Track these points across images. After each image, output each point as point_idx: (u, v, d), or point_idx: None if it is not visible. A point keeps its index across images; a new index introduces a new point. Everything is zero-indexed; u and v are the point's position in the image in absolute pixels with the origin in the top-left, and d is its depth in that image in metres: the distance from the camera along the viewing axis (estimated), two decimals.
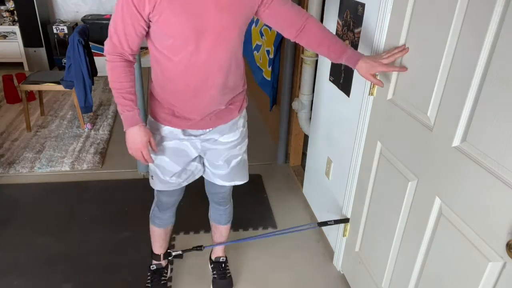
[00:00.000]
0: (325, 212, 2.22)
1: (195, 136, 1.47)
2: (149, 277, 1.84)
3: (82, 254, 2.07)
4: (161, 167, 1.51)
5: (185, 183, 1.59)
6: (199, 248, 1.81)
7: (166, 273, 1.89)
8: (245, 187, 1.72)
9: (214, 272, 1.91)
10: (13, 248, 2.10)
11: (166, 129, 1.45)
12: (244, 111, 1.56)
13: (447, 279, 1.19)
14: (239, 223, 1.88)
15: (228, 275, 1.91)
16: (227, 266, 1.94)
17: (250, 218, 2.38)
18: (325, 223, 1.89)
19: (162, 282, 1.83)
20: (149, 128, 1.48)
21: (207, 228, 2.23)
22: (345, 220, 1.91)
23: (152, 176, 1.57)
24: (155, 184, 1.57)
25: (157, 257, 1.82)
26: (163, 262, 1.85)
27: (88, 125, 3.49)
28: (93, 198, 2.55)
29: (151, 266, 1.85)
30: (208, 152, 1.54)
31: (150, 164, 1.53)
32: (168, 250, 1.84)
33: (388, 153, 1.52)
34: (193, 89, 1.33)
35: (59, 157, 2.99)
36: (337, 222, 1.91)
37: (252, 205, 2.50)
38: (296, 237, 2.24)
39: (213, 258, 1.94)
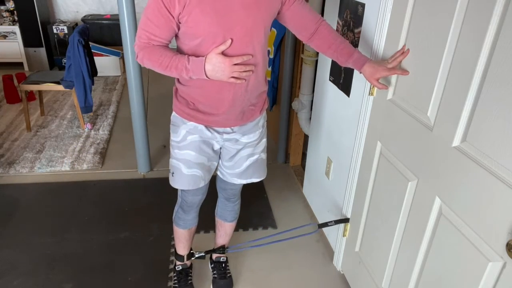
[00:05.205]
0: (325, 212, 2.22)
1: (218, 133, 1.49)
2: (175, 278, 1.86)
3: (82, 254, 2.08)
4: (186, 161, 1.49)
5: (207, 178, 1.58)
6: (221, 250, 1.88)
7: (191, 272, 1.90)
8: (245, 187, 1.72)
9: (214, 272, 1.91)
10: (13, 248, 2.10)
11: (190, 124, 1.46)
12: (264, 112, 1.59)
13: (447, 279, 1.19)
14: (239, 223, 1.89)
15: (228, 275, 1.91)
16: (227, 266, 1.94)
17: (250, 218, 2.38)
18: (325, 224, 1.89)
19: (189, 281, 1.85)
20: (173, 124, 1.49)
21: (208, 229, 2.24)
22: (345, 220, 1.91)
23: (172, 173, 1.54)
24: (176, 182, 1.54)
25: (180, 258, 1.83)
26: (188, 263, 1.87)
27: (88, 125, 3.49)
28: (93, 198, 2.55)
29: (176, 267, 1.87)
30: (226, 150, 1.56)
31: (172, 160, 1.53)
32: (191, 251, 1.86)
33: (388, 153, 1.52)
34: (218, 84, 1.33)
35: (59, 157, 2.99)
36: (337, 222, 1.92)
37: (252, 205, 2.50)
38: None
39: (213, 257, 1.95)
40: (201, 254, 1.86)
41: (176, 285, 1.84)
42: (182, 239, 1.77)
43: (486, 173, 1.02)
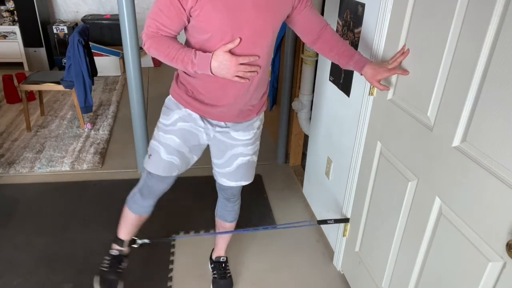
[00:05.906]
0: (325, 212, 2.22)
1: (211, 125, 1.49)
2: (107, 262, 1.71)
3: (82, 254, 2.07)
4: (168, 145, 1.48)
5: (182, 170, 1.55)
6: (168, 238, 1.70)
7: (125, 262, 1.74)
8: (245, 186, 1.72)
9: (214, 272, 1.91)
10: (13, 248, 2.10)
11: (185, 111, 1.46)
12: (262, 114, 1.59)
13: (447, 279, 1.19)
14: (239, 222, 1.89)
15: (228, 275, 1.91)
16: (228, 266, 1.94)
17: (250, 218, 2.38)
18: (324, 221, 1.89)
19: (119, 270, 1.70)
20: (166, 106, 1.49)
21: (207, 228, 2.24)
22: (345, 220, 1.91)
23: (149, 155, 1.51)
24: (151, 165, 1.51)
25: (121, 242, 1.70)
26: (126, 250, 1.73)
27: (88, 125, 3.49)
28: (93, 198, 2.55)
29: (111, 251, 1.73)
30: (216, 143, 1.55)
31: (153, 142, 1.51)
32: (134, 238, 1.73)
33: (388, 153, 1.52)
34: (222, 81, 1.34)
35: (59, 157, 2.99)
36: (337, 221, 1.92)
37: (252, 205, 2.50)
38: (296, 237, 2.24)
39: (213, 257, 1.95)
40: (144, 241, 1.73)
41: (105, 269, 1.69)
42: (129, 223, 1.67)
43: (486, 173, 1.02)
